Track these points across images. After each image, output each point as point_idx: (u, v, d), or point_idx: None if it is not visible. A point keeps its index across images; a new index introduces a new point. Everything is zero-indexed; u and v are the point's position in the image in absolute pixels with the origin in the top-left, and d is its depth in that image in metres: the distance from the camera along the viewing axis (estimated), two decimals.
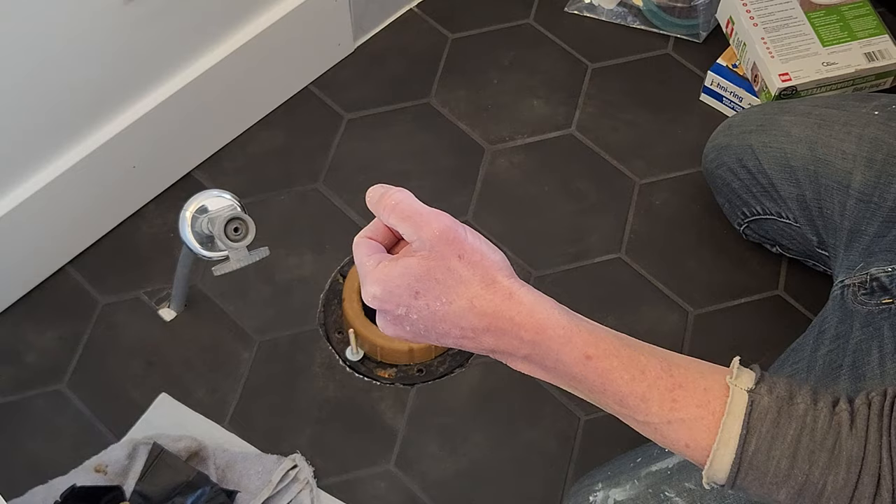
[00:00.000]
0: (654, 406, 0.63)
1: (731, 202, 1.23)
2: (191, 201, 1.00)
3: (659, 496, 0.88)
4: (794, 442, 0.61)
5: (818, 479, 0.61)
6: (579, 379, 0.64)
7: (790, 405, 0.62)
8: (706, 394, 0.63)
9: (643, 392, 0.63)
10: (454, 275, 0.62)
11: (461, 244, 0.63)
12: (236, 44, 1.26)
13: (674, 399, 0.63)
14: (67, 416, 1.16)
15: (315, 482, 1.11)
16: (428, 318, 0.63)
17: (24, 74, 1.05)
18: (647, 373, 0.63)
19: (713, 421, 0.62)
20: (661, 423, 0.64)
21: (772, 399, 0.62)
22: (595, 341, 0.63)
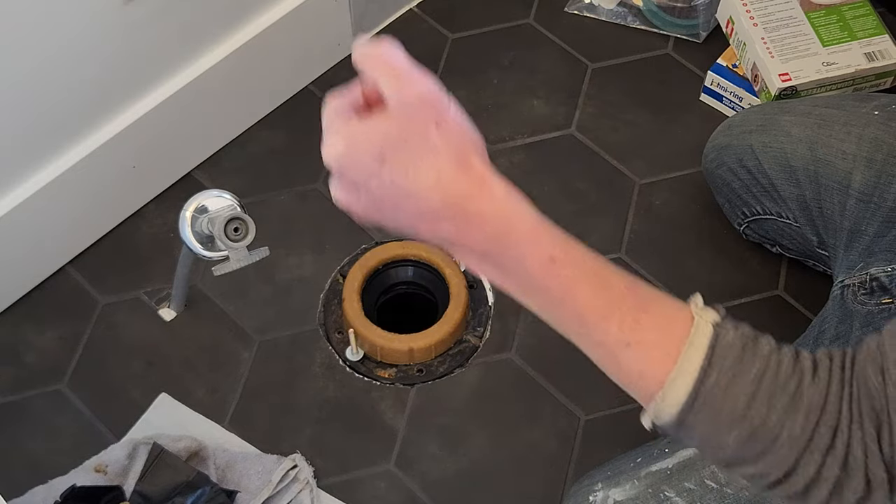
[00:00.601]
0: (614, 325, 0.59)
1: (731, 202, 1.23)
2: (191, 201, 1.00)
3: (659, 496, 0.89)
4: (756, 381, 0.58)
5: (775, 424, 0.57)
6: (538, 286, 0.60)
7: (755, 344, 0.59)
8: (669, 320, 0.59)
9: (605, 308, 0.59)
10: (427, 144, 0.56)
11: (443, 111, 0.57)
12: (236, 44, 1.26)
13: (636, 320, 0.59)
14: (67, 416, 1.16)
15: (315, 482, 1.11)
16: (388, 190, 0.57)
17: (24, 74, 1.05)
18: (612, 289, 0.59)
19: (674, 348, 0.58)
20: (619, 346, 0.59)
21: (736, 335, 0.59)
22: (564, 245, 0.59)
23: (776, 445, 0.58)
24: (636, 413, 1.21)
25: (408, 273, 1.26)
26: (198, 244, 0.99)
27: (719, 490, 0.86)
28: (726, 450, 0.60)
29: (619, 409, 1.17)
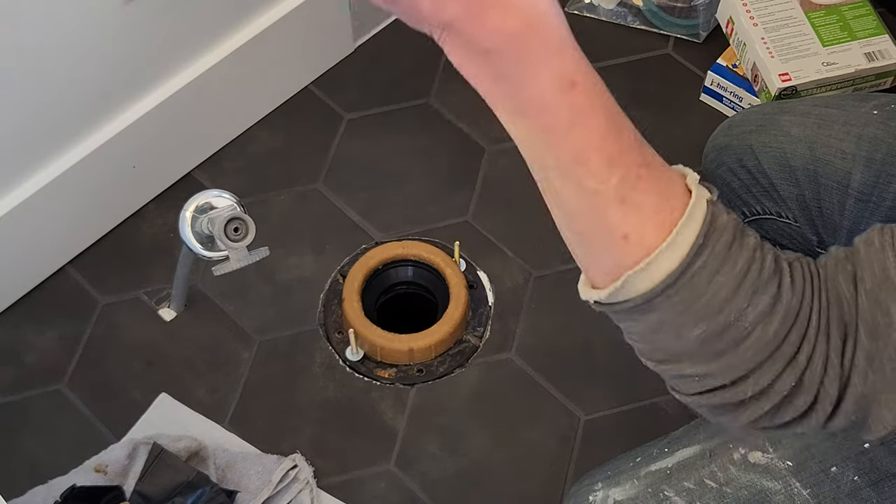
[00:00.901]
0: (616, 176, 0.52)
1: (730, 202, 1.22)
2: (191, 201, 1.00)
3: (658, 496, 0.89)
4: (742, 273, 0.52)
5: (749, 324, 0.53)
6: (544, 105, 0.52)
7: (743, 234, 0.54)
8: (669, 184, 0.53)
9: (612, 153, 0.53)
10: None
11: None
12: (236, 44, 1.26)
13: (638, 176, 0.53)
14: (67, 416, 1.16)
15: (315, 482, 1.11)
16: None
17: (24, 74, 1.05)
18: (623, 136, 0.53)
19: (669, 217, 0.52)
20: (612, 200, 0.53)
21: (730, 219, 0.53)
22: (588, 72, 0.52)
23: (741, 347, 0.53)
24: (636, 413, 1.21)
25: (408, 273, 1.26)
26: (198, 244, 0.99)
27: (718, 489, 0.86)
28: (681, 343, 0.55)
29: (619, 409, 1.17)
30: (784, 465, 0.84)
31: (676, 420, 0.97)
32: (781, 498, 0.84)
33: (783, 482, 0.84)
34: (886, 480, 0.81)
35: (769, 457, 0.85)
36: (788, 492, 0.84)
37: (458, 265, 1.23)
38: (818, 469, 0.83)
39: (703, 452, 0.88)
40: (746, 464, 0.85)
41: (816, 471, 0.83)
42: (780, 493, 0.84)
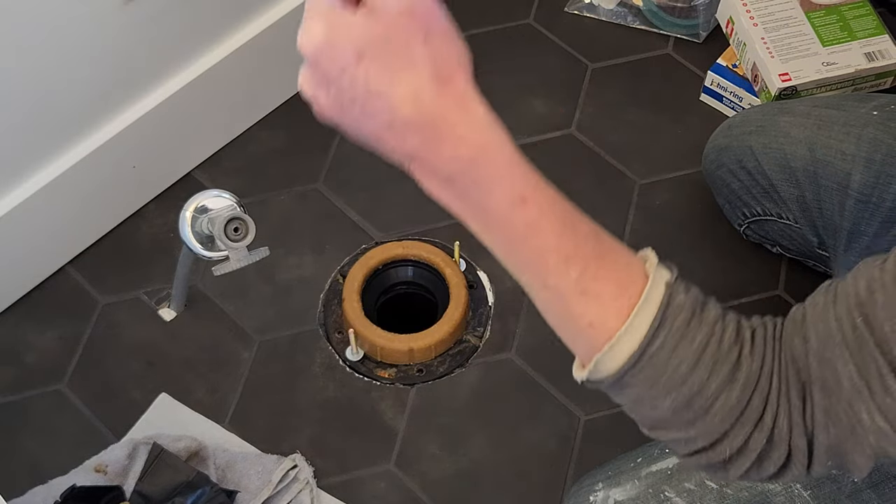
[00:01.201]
0: (574, 270, 0.57)
1: (731, 203, 1.23)
2: (191, 201, 1.00)
3: (659, 496, 0.89)
4: (701, 348, 0.57)
5: (712, 393, 0.57)
6: (501, 221, 0.58)
7: (703, 310, 0.58)
8: (627, 273, 0.58)
9: (568, 252, 0.57)
10: (410, 53, 0.53)
11: (434, 23, 0.54)
12: (236, 44, 1.26)
13: (596, 268, 0.58)
14: (67, 417, 1.16)
15: (315, 482, 1.11)
16: (360, 91, 0.54)
17: (24, 74, 1.05)
18: (578, 233, 0.58)
19: (627, 303, 0.57)
20: (574, 293, 0.58)
21: (688, 298, 0.58)
22: (536, 185, 0.57)
23: (709, 414, 0.58)
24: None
25: (408, 273, 1.26)
26: (198, 244, 0.99)
27: (719, 490, 0.86)
28: (658, 412, 0.60)
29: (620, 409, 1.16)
30: None
31: None
32: (782, 499, 0.84)
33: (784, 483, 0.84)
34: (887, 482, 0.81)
35: None
36: (789, 493, 0.84)
37: (458, 265, 1.23)
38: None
39: None
40: None
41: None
42: (780, 494, 0.84)
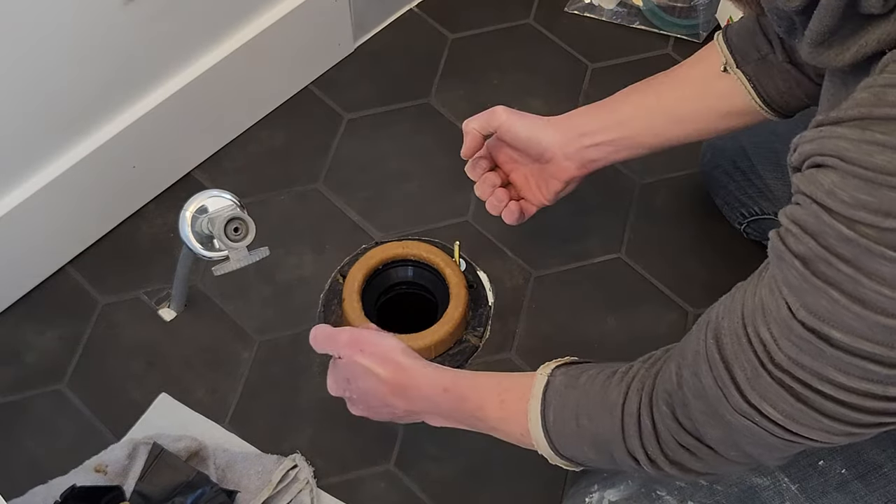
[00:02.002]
0: (490, 411, 0.85)
1: (729, 204, 1.23)
2: (191, 201, 1.00)
3: (651, 495, 0.89)
4: (575, 405, 0.77)
5: (598, 430, 0.75)
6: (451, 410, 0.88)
7: (576, 380, 0.78)
8: (524, 388, 0.81)
9: (481, 401, 0.85)
10: (360, 365, 0.89)
11: (361, 343, 0.90)
12: (236, 44, 1.26)
13: (502, 400, 0.84)
14: (67, 416, 1.16)
15: (315, 482, 1.11)
16: (362, 396, 0.91)
17: (24, 74, 1.05)
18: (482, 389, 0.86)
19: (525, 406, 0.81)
20: (499, 422, 0.85)
21: (564, 378, 0.79)
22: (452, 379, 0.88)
23: (611, 445, 0.75)
24: None
25: (408, 273, 1.26)
26: (198, 244, 0.99)
27: (709, 487, 0.87)
28: (598, 462, 0.79)
29: None
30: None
31: None
32: (770, 493, 0.84)
33: (772, 478, 0.85)
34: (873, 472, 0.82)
35: None
36: (777, 487, 0.84)
37: (458, 265, 1.23)
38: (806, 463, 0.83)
39: None
40: None
41: (804, 465, 0.83)
42: (769, 488, 0.84)
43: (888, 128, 0.54)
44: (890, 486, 0.81)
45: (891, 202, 0.54)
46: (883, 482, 0.81)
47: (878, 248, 0.55)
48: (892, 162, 0.53)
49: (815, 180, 0.58)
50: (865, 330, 0.57)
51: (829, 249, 0.57)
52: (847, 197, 0.55)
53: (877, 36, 0.57)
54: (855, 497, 0.82)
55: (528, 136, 1.03)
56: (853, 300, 0.57)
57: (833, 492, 0.83)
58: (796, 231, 0.59)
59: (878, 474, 0.81)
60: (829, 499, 0.82)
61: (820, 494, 0.83)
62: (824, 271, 0.58)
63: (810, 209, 0.58)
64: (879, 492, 0.81)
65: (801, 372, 0.62)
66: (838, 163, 0.56)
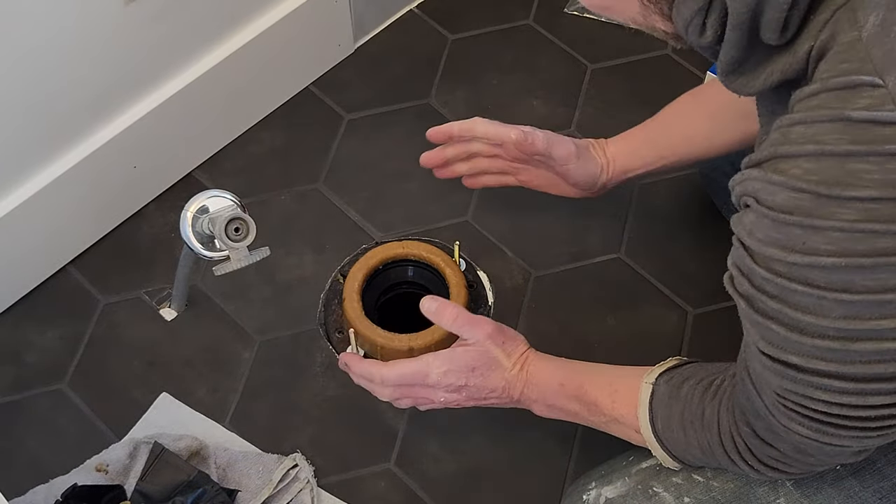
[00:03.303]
0: (603, 409, 0.90)
1: (727, 204, 1.22)
2: (191, 201, 1.00)
3: (647, 492, 0.90)
4: (680, 417, 0.82)
5: (702, 442, 0.80)
6: (563, 405, 0.93)
7: (678, 390, 0.83)
8: (633, 393, 0.87)
9: (594, 399, 0.90)
10: (497, 358, 0.94)
11: (501, 339, 0.94)
12: (237, 44, 1.26)
13: (613, 401, 0.89)
14: (68, 416, 1.16)
15: (315, 481, 1.12)
16: (479, 384, 0.93)
17: (25, 75, 1.06)
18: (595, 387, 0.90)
19: (635, 412, 0.86)
20: (612, 422, 0.90)
21: (667, 388, 0.84)
22: (567, 374, 0.93)
23: (716, 455, 0.80)
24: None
25: (408, 273, 1.26)
26: (198, 244, 1.00)
27: (706, 483, 0.87)
28: (708, 464, 0.85)
29: None
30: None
31: None
32: (766, 490, 0.85)
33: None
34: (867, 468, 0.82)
35: None
36: (773, 483, 0.85)
37: (458, 265, 1.23)
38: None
39: None
40: None
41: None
42: (764, 484, 0.85)
43: (788, 164, 0.58)
44: (884, 482, 0.81)
45: (793, 238, 0.58)
46: (877, 478, 0.81)
47: (791, 284, 0.60)
48: (789, 200, 0.57)
49: (740, 221, 0.63)
50: (815, 352, 0.62)
51: (759, 289, 0.63)
52: (762, 235, 0.60)
53: (780, 67, 0.61)
54: (849, 493, 0.82)
55: (585, 179, 1.11)
56: (790, 329, 0.62)
57: (828, 488, 0.83)
58: (735, 273, 0.65)
59: (872, 470, 0.82)
60: (823, 495, 0.83)
61: (815, 491, 0.83)
62: (762, 308, 0.63)
63: (739, 252, 0.63)
64: (873, 487, 0.82)
65: (793, 397, 0.67)
66: (754, 203, 0.60)
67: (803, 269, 0.59)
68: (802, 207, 0.57)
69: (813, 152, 0.57)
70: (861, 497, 0.82)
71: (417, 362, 0.95)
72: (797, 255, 0.58)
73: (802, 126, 0.58)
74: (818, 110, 0.57)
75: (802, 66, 0.60)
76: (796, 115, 0.59)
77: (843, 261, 0.57)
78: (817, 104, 0.57)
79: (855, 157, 0.55)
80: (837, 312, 0.59)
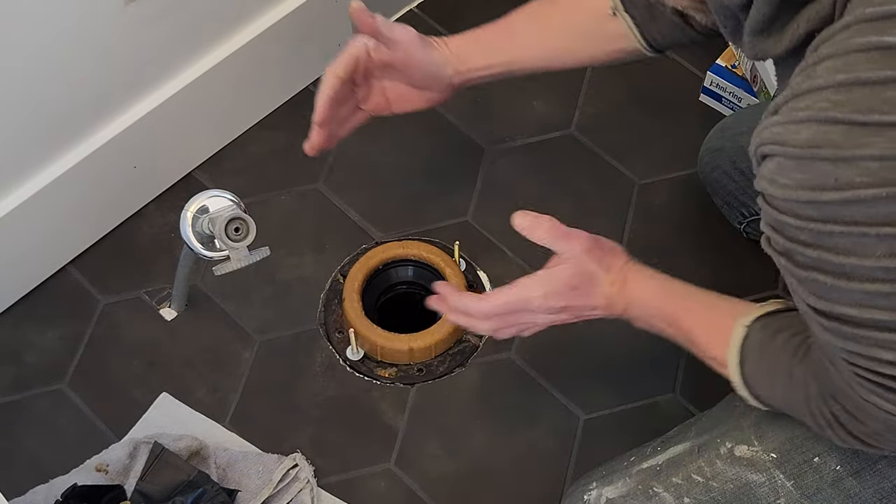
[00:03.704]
0: (696, 338, 0.86)
1: (728, 203, 1.23)
2: (192, 201, 1.00)
3: (648, 492, 0.90)
4: (768, 370, 0.79)
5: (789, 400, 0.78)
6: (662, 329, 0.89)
7: (771, 341, 0.79)
8: (726, 331, 0.82)
9: (689, 327, 0.87)
10: (596, 274, 0.88)
11: (600, 253, 0.89)
12: (237, 44, 1.26)
13: (708, 340, 0.85)
14: (68, 416, 1.16)
15: (315, 481, 1.12)
16: (581, 304, 0.89)
17: (25, 75, 1.06)
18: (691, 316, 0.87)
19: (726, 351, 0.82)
20: (704, 356, 0.86)
21: (761, 334, 0.80)
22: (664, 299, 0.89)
23: (803, 416, 0.77)
24: (635, 413, 1.22)
25: (408, 273, 1.26)
26: (199, 244, 1.00)
27: (705, 484, 0.87)
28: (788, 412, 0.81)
29: (619, 408, 1.17)
30: (768, 457, 0.85)
31: (675, 419, 0.98)
32: (766, 490, 0.85)
33: (767, 474, 0.85)
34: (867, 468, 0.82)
35: (754, 450, 0.86)
36: (773, 484, 0.85)
37: (458, 265, 1.23)
38: (801, 460, 0.84)
39: (692, 449, 0.90)
40: (732, 457, 0.87)
41: (800, 462, 0.84)
42: (764, 485, 0.85)
43: (812, 99, 0.55)
44: (883, 483, 0.81)
45: (823, 175, 0.55)
46: (877, 479, 0.81)
47: (826, 227, 0.57)
48: (817, 135, 0.54)
49: (761, 174, 0.60)
50: (866, 299, 0.59)
51: (793, 239, 0.60)
52: (787, 180, 0.57)
53: (806, 16, 0.59)
54: (849, 494, 0.82)
55: (428, 69, 1.01)
56: (837, 277, 0.59)
57: (827, 488, 0.83)
58: (769, 232, 0.62)
59: (872, 471, 0.82)
60: (823, 495, 0.83)
61: (815, 491, 0.83)
62: (802, 260, 0.60)
63: (767, 208, 0.60)
64: (873, 489, 0.82)
65: (861, 361, 0.64)
66: (774, 149, 0.58)
67: (838, 207, 0.55)
68: (833, 140, 0.54)
69: (844, 82, 0.54)
70: (861, 498, 0.82)
71: (516, 288, 0.89)
72: (830, 192, 0.55)
73: (831, 60, 0.55)
74: (850, 40, 0.55)
75: (829, 10, 0.58)
76: (823, 51, 0.56)
77: (884, 191, 0.53)
78: (848, 35, 0.55)
79: (894, 84, 0.53)
80: (882, 250, 0.56)
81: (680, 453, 0.91)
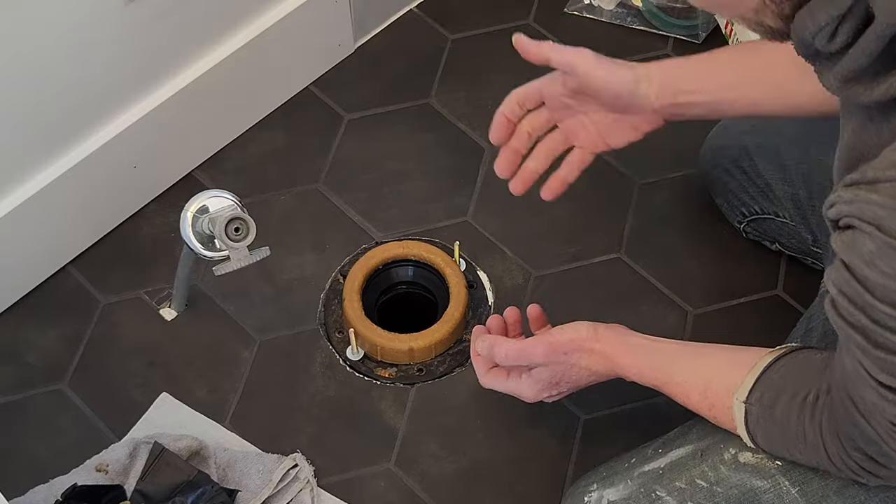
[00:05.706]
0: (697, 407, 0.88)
1: (729, 203, 1.23)
2: (192, 201, 1.00)
3: (650, 495, 0.89)
4: (781, 439, 0.81)
5: (810, 459, 0.79)
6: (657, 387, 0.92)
7: (771, 412, 0.80)
8: (729, 411, 0.84)
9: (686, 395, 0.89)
10: (569, 365, 0.95)
11: (559, 349, 0.94)
12: (237, 44, 1.26)
13: (711, 405, 0.87)
14: (68, 416, 1.16)
15: (315, 481, 1.12)
16: (572, 385, 0.97)
17: (25, 74, 1.06)
18: (691, 396, 0.88)
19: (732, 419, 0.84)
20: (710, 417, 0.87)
21: (759, 409, 0.81)
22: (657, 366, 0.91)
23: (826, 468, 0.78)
24: (636, 413, 1.22)
25: (408, 273, 1.26)
26: (199, 244, 1.00)
27: (709, 489, 0.87)
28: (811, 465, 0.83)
29: (619, 408, 1.17)
30: (773, 464, 0.85)
31: (675, 420, 0.98)
32: (771, 496, 0.84)
33: (772, 481, 0.85)
34: None
35: (759, 456, 0.86)
36: (777, 490, 0.84)
37: (458, 265, 1.23)
38: (807, 467, 0.83)
39: (695, 452, 0.89)
40: (737, 463, 0.86)
41: (805, 468, 0.83)
42: (769, 491, 0.84)
43: None
44: (890, 492, 0.81)
45: None
46: (882, 487, 0.81)
47: None
48: None
49: (854, 247, 0.59)
50: None
51: (879, 322, 0.60)
52: (887, 268, 0.57)
53: None
54: (854, 501, 0.82)
55: (614, 87, 0.93)
56: None
57: (833, 496, 0.82)
58: (845, 304, 0.62)
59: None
60: (828, 503, 0.82)
61: (820, 498, 0.83)
62: (882, 342, 0.61)
63: (850, 281, 0.60)
64: (879, 497, 0.81)
65: None
66: (875, 231, 0.57)
67: None
68: None
69: None
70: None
71: (511, 384, 1.00)
72: None
73: None
74: None
75: None
76: None
77: None
78: None
79: None
80: None
81: (682, 457, 0.90)
